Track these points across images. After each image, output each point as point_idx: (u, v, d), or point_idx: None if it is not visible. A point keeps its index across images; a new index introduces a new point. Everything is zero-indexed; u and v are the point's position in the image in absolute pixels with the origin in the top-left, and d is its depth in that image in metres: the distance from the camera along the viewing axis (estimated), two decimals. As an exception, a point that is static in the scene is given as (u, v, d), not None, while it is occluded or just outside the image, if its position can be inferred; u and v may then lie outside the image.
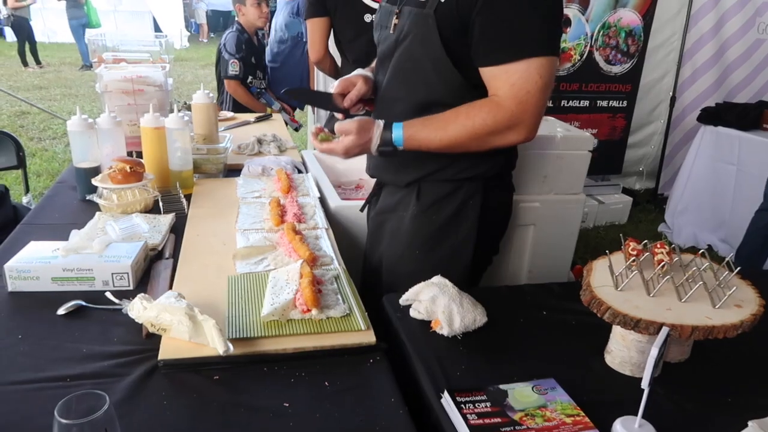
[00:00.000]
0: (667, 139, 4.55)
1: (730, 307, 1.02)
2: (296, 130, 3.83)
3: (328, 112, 3.08)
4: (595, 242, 3.85)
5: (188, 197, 1.78)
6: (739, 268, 1.12)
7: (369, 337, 1.11)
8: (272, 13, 4.08)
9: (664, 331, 0.87)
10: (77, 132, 1.73)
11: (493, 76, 1.26)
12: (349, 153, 1.37)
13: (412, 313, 1.22)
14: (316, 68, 3.38)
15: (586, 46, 4.05)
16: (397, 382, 1.03)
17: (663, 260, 1.11)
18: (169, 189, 1.81)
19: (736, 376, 1.09)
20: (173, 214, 1.62)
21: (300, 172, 2.10)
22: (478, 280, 1.57)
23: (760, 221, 3.21)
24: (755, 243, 3.21)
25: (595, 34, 4.05)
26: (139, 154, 1.89)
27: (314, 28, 2.82)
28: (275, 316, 1.11)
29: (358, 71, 1.60)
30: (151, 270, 1.35)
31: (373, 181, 1.71)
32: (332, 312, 1.15)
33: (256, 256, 1.39)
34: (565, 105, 4.09)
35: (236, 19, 3.61)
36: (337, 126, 1.37)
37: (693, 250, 1.19)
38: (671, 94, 4.44)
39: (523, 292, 1.39)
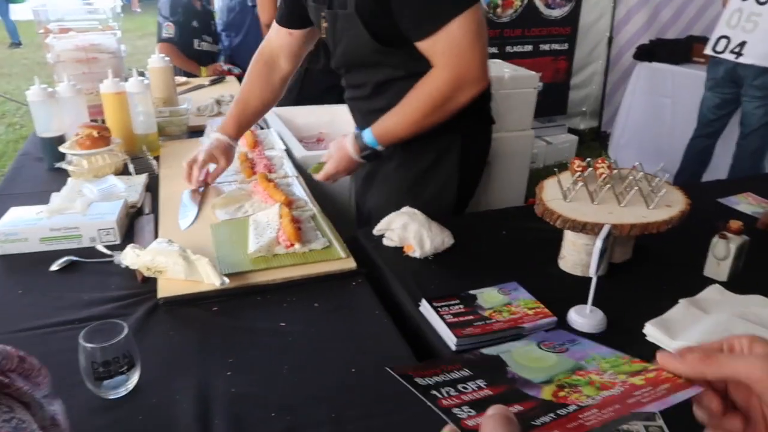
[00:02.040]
0: (606, 79, 4.75)
1: (661, 207, 1.18)
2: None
3: None
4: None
5: (156, 159, 1.83)
6: (667, 175, 1.28)
7: (350, 264, 1.22)
8: None
9: (606, 227, 1.02)
10: (38, 102, 1.75)
11: (424, 49, 1.33)
12: (339, 171, 1.48)
13: (386, 241, 1.34)
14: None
15: (526, -9, 4.16)
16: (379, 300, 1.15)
17: (604, 173, 1.25)
18: (136, 153, 1.86)
19: (670, 269, 1.26)
20: (146, 174, 1.67)
21: (262, 128, 2.17)
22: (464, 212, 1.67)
23: (695, 147, 3.46)
24: (691, 167, 3.46)
25: (534, -21, 4.15)
26: (101, 123, 1.92)
27: None
28: (262, 252, 1.21)
29: (219, 142, 1.61)
30: (134, 225, 1.42)
31: (332, 134, 1.79)
32: (313, 245, 1.25)
33: (234, 204, 1.48)
34: (510, 51, 4.22)
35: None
36: (324, 158, 1.51)
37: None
38: (608, 34, 4.62)
39: (484, 216, 1.52)
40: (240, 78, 3.42)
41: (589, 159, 1.33)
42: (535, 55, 4.32)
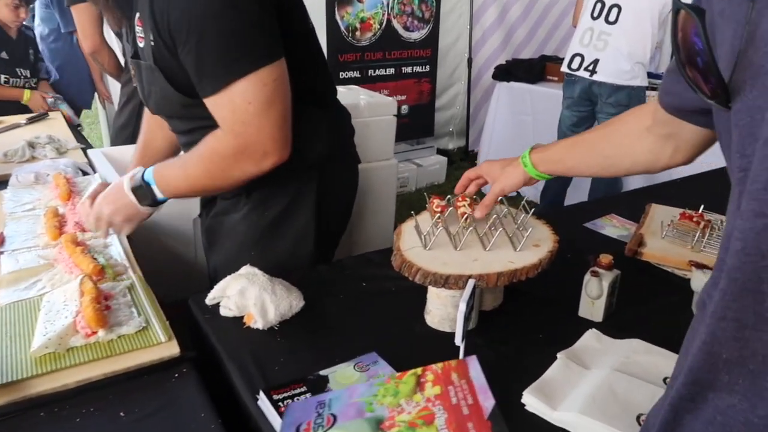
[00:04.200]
0: (470, 99, 4.84)
1: (529, 248, 1.06)
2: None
3: (120, 103, 2.77)
4: (419, 204, 3.98)
5: (-64, 222, 1.46)
6: (533, 210, 1.17)
7: (172, 349, 0.97)
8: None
9: (470, 284, 0.87)
10: None
11: (209, 109, 1.12)
12: (113, 221, 1.24)
13: (222, 311, 1.10)
14: (94, 62, 2.97)
15: (384, 14, 4.11)
16: (212, 391, 0.92)
17: (465, 212, 1.12)
18: None
19: (544, 312, 1.14)
20: None
21: (86, 174, 1.84)
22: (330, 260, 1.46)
23: (556, 164, 3.54)
24: (555, 185, 3.54)
25: (391, 2, 4.12)
26: None
27: (81, 15, 2.49)
28: (50, 347, 0.93)
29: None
30: None
31: None
32: (124, 329, 0.99)
33: (26, 280, 1.17)
34: (372, 74, 4.14)
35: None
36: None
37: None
38: (467, 55, 4.70)
39: (342, 266, 1.33)
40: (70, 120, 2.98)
41: (449, 197, 1.19)
42: (398, 77, 4.28)
